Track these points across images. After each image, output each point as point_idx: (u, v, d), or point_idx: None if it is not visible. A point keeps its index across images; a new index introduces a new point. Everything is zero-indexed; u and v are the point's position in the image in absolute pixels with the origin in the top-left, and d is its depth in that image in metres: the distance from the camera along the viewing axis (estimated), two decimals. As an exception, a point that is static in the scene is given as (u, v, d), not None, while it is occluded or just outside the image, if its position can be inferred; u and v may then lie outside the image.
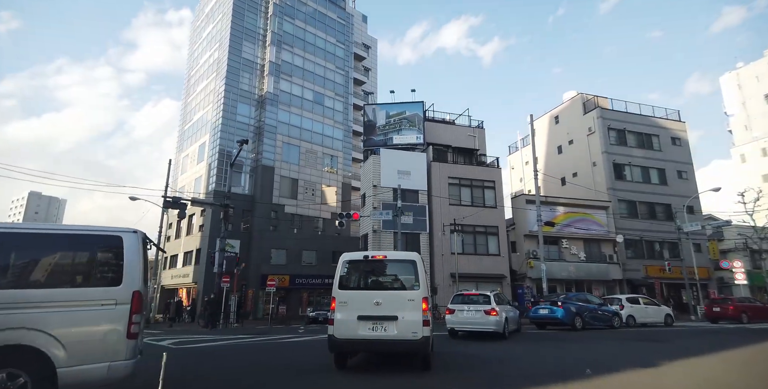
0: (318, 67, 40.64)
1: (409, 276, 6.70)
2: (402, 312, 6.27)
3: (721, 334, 14.59)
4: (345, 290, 6.60)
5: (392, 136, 26.27)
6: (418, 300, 6.36)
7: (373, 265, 6.95)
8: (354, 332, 6.25)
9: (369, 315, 6.29)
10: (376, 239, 23.94)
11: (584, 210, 29.34)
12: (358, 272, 6.93)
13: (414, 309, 6.29)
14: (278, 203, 35.36)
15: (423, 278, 6.62)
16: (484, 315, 11.53)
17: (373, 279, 6.94)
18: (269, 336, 14.04)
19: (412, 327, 6.19)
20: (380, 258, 6.90)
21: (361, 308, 6.35)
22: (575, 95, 35.28)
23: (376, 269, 7.00)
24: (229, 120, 34.94)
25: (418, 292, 6.44)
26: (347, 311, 6.37)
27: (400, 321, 6.21)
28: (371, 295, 6.49)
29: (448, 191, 25.79)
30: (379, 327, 6.24)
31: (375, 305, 6.33)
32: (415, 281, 6.58)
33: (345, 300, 6.47)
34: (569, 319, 15.08)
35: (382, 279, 6.96)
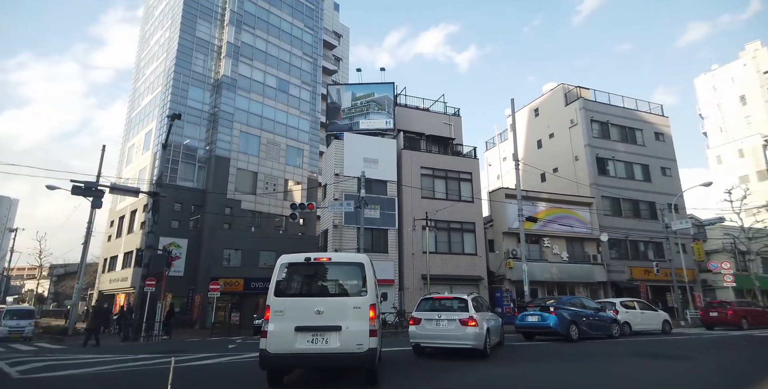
0: (283, 52, 37.38)
1: (355, 281, 6.13)
2: (346, 321, 5.67)
3: (741, 345, 12.17)
4: (282, 298, 5.92)
5: (359, 120, 23.30)
6: (364, 308, 5.78)
7: (316, 269, 6.30)
8: (290, 345, 5.56)
9: (308, 325, 5.64)
10: (337, 236, 20.87)
11: (566, 207, 27.10)
12: (299, 276, 6.27)
13: (360, 318, 5.70)
14: (234, 198, 31.80)
15: (371, 284, 6.03)
16: (459, 325, 8.64)
17: (314, 285, 6.35)
18: (183, 355, 10.75)
19: (357, 338, 5.59)
20: (324, 261, 6.30)
21: (299, 317, 5.71)
22: (556, 86, 33.26)
23: (318, 274, 6.36)
24: (179, 105, 31.24)
25: (365, 299, 5.86)
26: (283, 321, 5.69)
27: (343, 332, 5.60)
28: (312, 303, 5.85)
29: (421, 183, 23.01)
30: (320, 338, 5.60)
31: (316, 314, 5.69)
32: (363, 287, 6.00)
33: (281, 308, 5.79)
34: (563, 328, 12.39)
35: (325, 285, 6.38)
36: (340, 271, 6.41)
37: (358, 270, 6.13)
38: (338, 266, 6.43)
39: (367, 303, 5.84)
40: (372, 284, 6.07)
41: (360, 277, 6.08)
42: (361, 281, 6.05)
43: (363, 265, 6.16)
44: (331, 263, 6.39)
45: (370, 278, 6.09)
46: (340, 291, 6.23)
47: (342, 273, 6.38)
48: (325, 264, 6.34)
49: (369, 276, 6.08)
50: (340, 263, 6.48)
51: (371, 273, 6.17)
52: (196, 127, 31.91)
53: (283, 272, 6.11)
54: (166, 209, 29.56)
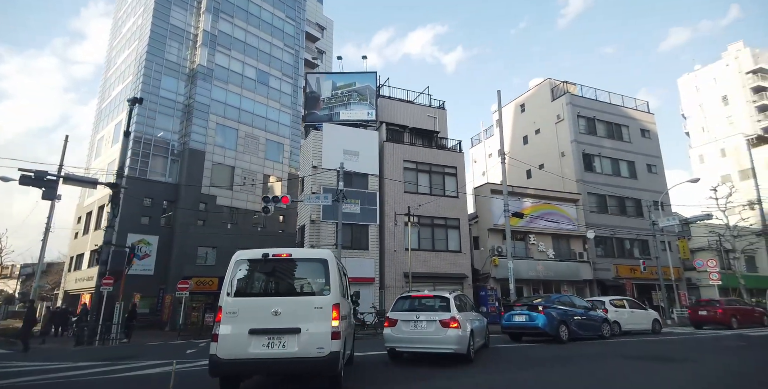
0: (263, 42, 36.02)
1: (318, 279, 5.75)
2: (306, 322, 5.25)
3: (740, 346, 11.45)
4: (236, 298, 5.47)
5: (339, 110, 22.18)
6: (327, 308, 5.39)
7: (274, 265, 5.84)
8: (243, 350, 5.09)
9: (264, 327, 5.20)
10: (314, 232, 19.73)
11: (553, 203, 26.43)
12: (255, 274, 5.79)
13: (321, 319, 5.30)
14: (209, 193, 30.38)
15: (335, 282, 5.66)
16: (440, 327, 7.63)
17: (272, 284, 5.88)
18: (129, 362, 9.53)
19: (318, 341, 5.15)
20: (283, 257, 5.79)
21: (254, 319, 5.26)
22: (543, 81, 32.65)
23: (277, 271, 5.90)
24: (151, 94, 29.70)
25: (328, 298, 5.48)
26: (237, 323, 5.23)
27: (303, 335, 5.17)
28: (269, 303, 5.43)
29: (404, 177, 22.02)
30: (277, 342, 5.16)
31: (273, 315, 5.26)
32: (326, 285, 5.60)
33: (235, 309, 5.33)
34: (552, 328, 11.51)
35: (284, 283, 5.97)
36: (302, 268, 5.95)
37: (321, 267, 5.70)
38: (299, 262, 5.95)
39: (330, 302, 5.41)
40: (336, 282, 5.65)
41: (323, 274, 5.66)
42: (324, 279, 5.62)
43: (326, 261, 5.72)
44: (292, 260, 5.86)
45: (334, 275, 5.68)
46: (300, 290, 5.83)
47: (303, 271, 5.94)
48: (285, 261, 5.80)
49: (333, 274, 5.66)
50: (301, 259, 5.99)
51: (336, 270, 5.78)
52: (169, 118, 30.39)
53: (238, 270, 5.64)
54: (135, 205, 28.02)
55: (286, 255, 5.80)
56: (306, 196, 16.63)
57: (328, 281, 5.61)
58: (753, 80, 48.92)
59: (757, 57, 49.78)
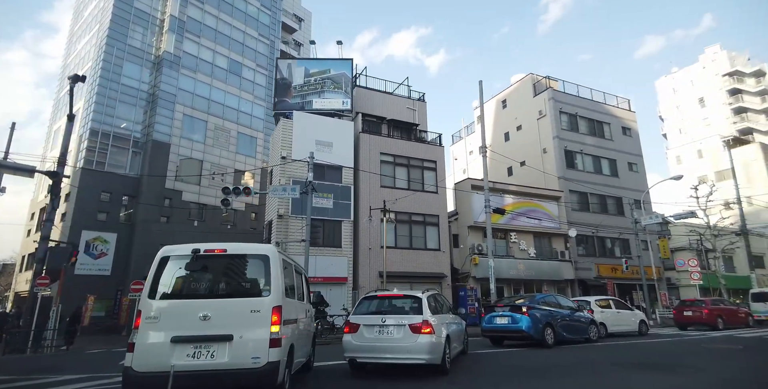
0: (236, 31, 34.30)
1: (257, 278, 5.05)
2: (240, 328, 4.59)
3: (737, 350, 10.56)
4: (158, 300, 4.75)
5: (312, 99, 20.77)
6: (265, 311, 4.73)
7: (206, 263, 5.01)
8: (164, 361, 4.38)
9: (189, 334, 4.52)
10: (281, 227, 18.28)
11: (535, 200, 25.59)
12: (183, 273, 4.94)
13: (258, 324, 4.65)
14: (174, 188, 28.52)
15: (278, 281, 4.97)
16: (409, 333, 6.37)
17: (203, 283, 5.01)
18: (40, 377, 7.99)
19: (254, 349, 4.51)
20: (217, 253, 5.06)
21: (178, 325, 4.58)
22: (525, 76, 31.91)
23: (209, 269, 5.05)
24: (110, 82, 27.72)
25: (268, 300, 4.81)
26: (158, 330, 4.56)
27: (235, 343, 4.52)
28: (196, 306, 4.71)
29: (380, 170, 20.76)
30: (204, 351, 4.49)
31: (201, 320, 4.59)
32: (266, 285, 4.93)
33: (156, 313, 4.65)
34: (537, 331, 10.41)
35: (217, 283, 5.10)
36: (239, 266, 5.25)
37: (261, 264, 5.09)
38: (236, 259, 5.25)
39: (270, 304, 4.80)
40: (278, 282, 5.01)
41: (263, 273, 5.05)
42: (264, 278, 5.02)
43: (268, 258, 5.11)
44: (227, 256, 5.18)
45: (277, 273, 5.05)
46: (235, 291, 5.11)
47: (241, 268, 5.25)
48: (219, 257, 5.13)
49: (275, 271, 5.04)
50: (238, 255, 5.28)
51: (278, 268, 5.11)
52: (131, 107, 28.44)
53: (163, 268, 4.99)
54: (91, 199, 26.01)
55: (220, 251, 5.11)
56: (272, 187, 15.19)
57: (268, 281, 4.97)
58: (729, 83, 49.54)
59: (734, 60, 50.47)
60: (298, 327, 5.89)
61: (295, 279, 6.43)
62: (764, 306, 20.96)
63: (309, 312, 7.41)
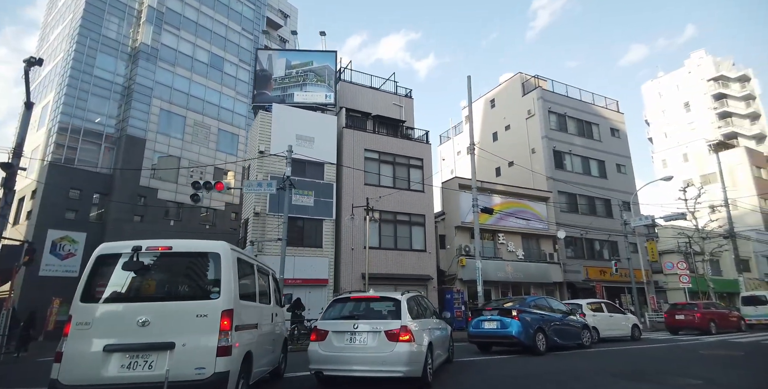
0: (218, 24, 33.19)
1: (206, 279, 4.61)
2: (183, 335, 4.15)
3: (738, 357, 9.90)
4: (91, 304, 4.32)
5: (293, 92, 19.83)
6: (213, 316, 4.27)
7: (148, 262, 4.53)
8: (95, 373, 3.97)
9: (125, 342, 4.11)
10: (258, 225, 17.25)
11: (523, 201, 24.97)
12: (121, 273, 4.49)
13: (204, 330, 4.21)
14: (149, 186, 27.25)
15: (230, 281, 4.49)
16: (385, 341, 5.49)
17: (144, 285, 4.57)
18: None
19: (198, 358, 4.06)
20: (160, 251, 4.60)
21: (113, 332, 4.17)
22: (513, 75, 31.42)
23: (152, 269, 4.59)
24: (83, 73, 26.39)
25: (216, 303, 4.34)
26: (89, 337, 4.12)
27: (177, 351, 4.07)
28: (134, 310, 4.27)
29: (365, 167, 19.89)
30: (141, 362, 4.04)
31: (139, 326, 4.16)
32: (215, 287, 4.45)
33: (88, 319, 4.21)
34: (528, 337, 9.62)
35: (160, 284, 4.63)
36: (186, 265, 4.76)
37: (211, 263, 4.63)
38: (183, 258, 4.76)
39: (219, 308, 4.35)
40: (230, 283, 4.54)
41: (213, 273, 4.59)
42: (214, 279, 4.55)
43: (218, 256, 4.63)
44: (173, 254, 4.70)
45: (229, 273, 4.59)
46: (180, 293, 4.60)
47: (188, 268, 4.76)
48: (164, 256, 4.67)
49: (227, 271, 4.58)
50: (185, 253, 4.78)
51: (231, 267, 4.65)
52: (104, 101, 27.11)
53: (100, 268, 4.59)
54: (59, 196, 24.60)
55: (165, 248, 4.64)
56: (247, 182, 14.20)
57: (218, 282, 4.48)
58: (714, 87, 49.91)
59: (719, 65, 50.90)
60: (260, 332, 5.41)
61: (259, 280, 5.93)
62: (755, 310, 20.55)
63: (277, 316, 6.80)
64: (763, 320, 20.26)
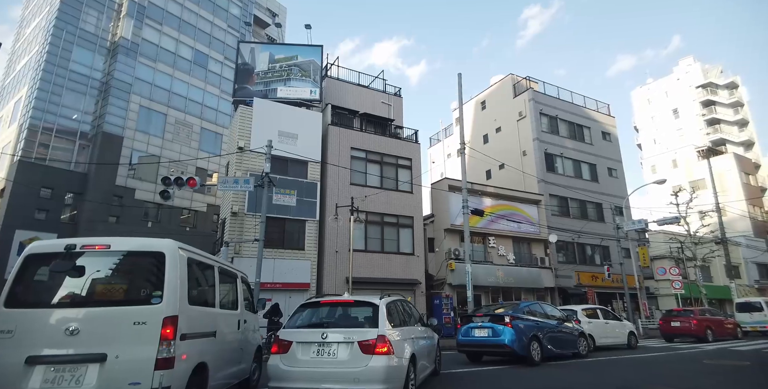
0: (202, 21, 32.27)
1: (148, 281, 4.08)
2: (117, 345, 3.68)
3: (744, 367, 9.20)
4: (15, 309, 3.85)
5: (276, 87, 18.95)
6: (153, 324, 3.77)
7: (83, 262, 4.03)
8: (15, 388, 3.50)
9: (50, 353, 3.64)
10: (235, 226, 16.27)
11: (514, 204, 24.33)
12: (51, 275, 4.08)
13: (142, 340, 3.71)
14: (125, 185, 26.07)
15: (175, 284, 3.99)
16: (359, 353, 4.62)
17: (76, 289, 4.01)
18: None
19: (133, 372, 3.60)
20: (98, 249, 4.11)
21: (37, 341, 3.71)
22: (504, 77, 30.95)
23: (87, 270, 4.03)
24: (58, 67, 25.26)
25: (157, 308, 3.86)
26: (10, 347, 3.64)
27: (109, 364, 3.61)
28: (63, 317, 3.81)
29: (351, 166, 19.05)
30: (68, 376, 3.56)
31: (67, 335, 3.69)
32: (157, 290, 3.94)
33: (11, 326, 3.75)
34: (522, 346, 8.80)
35: (95, 288, 4.06)
36: (125, 265, 4.27)
37: (154, 264, 4.12)
38: (122, 257, 4.26)
39: (160, 314, 3.86)
40: (175, 286, 4.04)
41: (156, 275, 4.07)
42: (157, 281, 4.03)
43: (163, 256, 4.13)
44: (111, 253, 4.19)
45: (175, 275, 4.08)
46: (116, 298, 4.11)
47: (127, 269, 4.29)
48: (100, 255, 4.17)
49: (172, 273, 4.08)
50: (125, 252, 4.27)
51: (178, 268, 4.14)
52: (80, 96, 25.97)
53: (28, 269, 4.09)
54: (28, 195, 23.33)
55: (102, 247, 4.18)
56: (222, 179, 13.27)
57: (161, 285, 4.00)
58: (702, 94, 50.15)
59: (707, 72, 51.23)
60: (221, 341, 4.88)
61: (219, 283, 5.37)
62: (750, 317, 20.05)
63: (247, 323, 6.17)
64: (758, 327, 19.77)
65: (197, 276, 4.90)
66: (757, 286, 34.91)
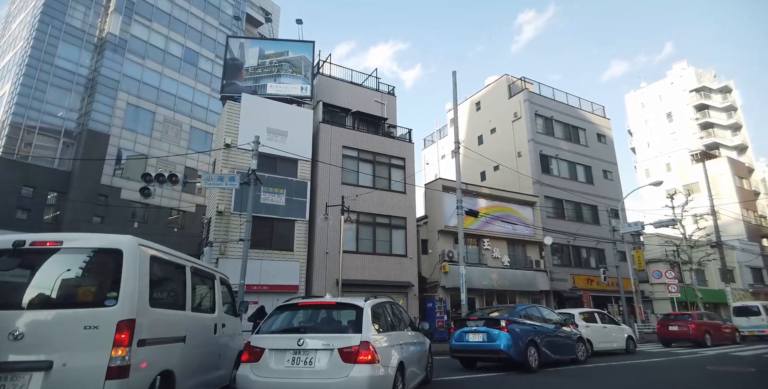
0: (194, 18, 31.72)
1: (102, 282, 3.74)
2: (65, 352, 3.35)
3: (749, 373, 8.78)
4: None
5: (266, 83, 18.43)
6: (106, 328, 3.44)
7: (32, 260, 3.72)
8: None
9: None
10: (221, 226, 15.68)
11: (509, 205, 23.92)
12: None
13: (93, 347, 3.39)
14: (111, 184, 25.36)
15: (134, 286, 3.63)
16: (339, 362, 4.11)
17: (21, 289, 3.64)
18: None
19: (82, 382, 3.31)
20: (49, 246, 3.75)
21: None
22: (500, 78, 30.65)
23: (36, 269, 3.72)
24: (43, 63, 24.58)
25: (111, 311, 3.50)
26: None
27: (55, 373, 3.29)
28: (7, 320, 3.45)
29: (343, 165, 18.55)
30: (9, 385, 3.25)
31: (10, 340, 3.37)
32: (111, 291, 3.59)
33: None
34: (519, 352, 8.32)
35: (44, 288, 3.68)
36: (78, 264, 3.78)
37: (111, 263, 3.69)
38: (75, 255, 3.78)
39: (114, 318, 3.49)
40: (134, 287, 3.63)
41: (112, 274, 3.65)
42: (112, 281, 3.62)
43: (120, 253, 3.70)
44: (63, 251, 3.74)
45: (133, 275, 3.67)
46: (66, 299, 3.67)
47: (80, 267, 3.80)
48: (51, 252, 3.73)
49: (131, 273, 3.67)
50: (79, 249, 3.80)
51: (137, 267, 3.73)
52: (66, 93, 25.31)
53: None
54: (9, 194, 22.56)
55: (53, 243, 3.82)
56: (206, 176, 12.71)
57: (117, 286, 3.64)
58: (696, 98, 50.25)
59: (701, 76, 51.38)
60: (191, 347, 4.53)
61: (192, 284, 4.97)
62: (747, 321, 19.71)
63: (225, 327, 5.80)
64: (756, 331, 19.44)
65: (163, 276, 4.55)
66: (751, 290, 34.75)
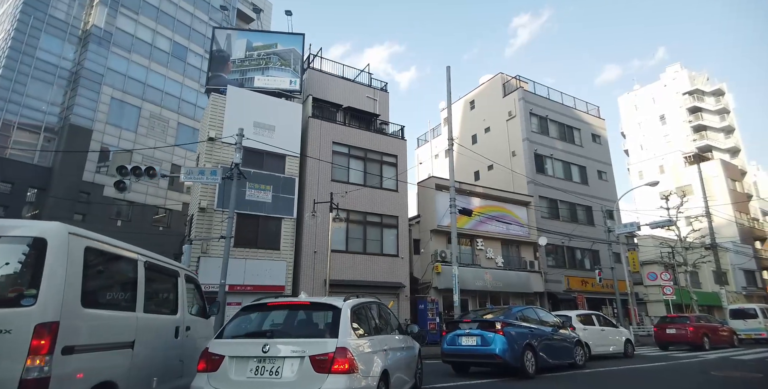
0: (182, 12, 30.97)
1: (20, 277, 3.16)
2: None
3: (756, 380, 8.29)
4: None
5: (253, 75, 17.77)
6: (22, 332, 2.91)
7: None
8: None
9: None
10: (203, 223, 14.99)
11: (503, 205, 23.44)
12: None
13: (6, 354, 2.89)
14: (93, 181, 24.52)
15: (59, 282, 3.08)
16: (311, 371, 3.51)
17: None
18: None
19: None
20: None
21: None
22: (494, 76, 30.24)
23: None
24: (24, 55, 23.74)
25: (28, 312, 2.98)
26: None
27: None
28: None
29: (332, 161, 17.93)
30: None
31: None
32: (30, 288, 3.04)
33: None
34: (515, 356, 7.75)
35: None
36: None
37: (32, 254, 3.14)
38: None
39: (30, 320, 2.97)
40: (58, 284, 3.08)
41: (32, 268, 3.10)
42: (32, 277, 3.06)
43: (44, 243, 3.13)
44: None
45: (58, 270, 3.10)
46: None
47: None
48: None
49: (55, 267, 3.10)
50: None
51: (64, 261, 3.15)
52: (47, 86, 24.44)
53: None
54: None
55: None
56: (186, 170, 12.04)
57: (38, 282, 3.02)
58: (689, 101, 50.29)
59: (693, 79, 51.45)
60: (146, 353, 4.04)
61: (146, 281, 4.35)
62: (745, 324, 19.35)
63: (190, 330, 5.15)
64: (753, 334, 19.09)
65: (104, 272, 3.93)
66: (744, 293, 34.59)
